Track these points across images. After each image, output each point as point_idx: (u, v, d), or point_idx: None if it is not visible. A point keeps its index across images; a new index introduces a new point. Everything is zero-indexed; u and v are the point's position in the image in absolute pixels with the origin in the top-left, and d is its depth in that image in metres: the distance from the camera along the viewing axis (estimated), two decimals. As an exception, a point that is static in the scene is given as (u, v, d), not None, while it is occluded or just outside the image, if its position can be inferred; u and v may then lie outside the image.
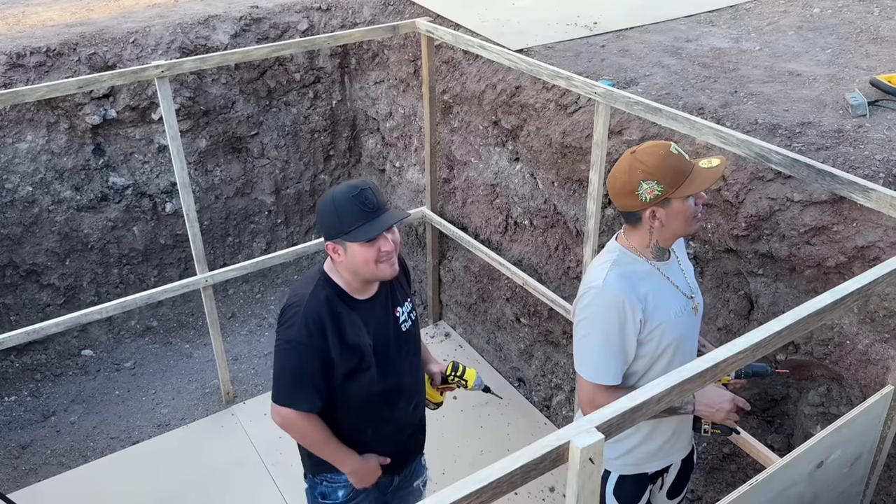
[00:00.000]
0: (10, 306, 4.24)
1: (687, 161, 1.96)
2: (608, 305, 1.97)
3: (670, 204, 1.95)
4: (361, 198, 2.02)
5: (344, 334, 2.09)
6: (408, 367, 2.29)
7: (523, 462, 1.20)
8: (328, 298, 2.09)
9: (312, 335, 2.05)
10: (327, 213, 2.05)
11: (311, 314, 2.06)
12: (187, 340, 4.60)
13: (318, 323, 2.05)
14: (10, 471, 3.67)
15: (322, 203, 2.08)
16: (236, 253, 4.93)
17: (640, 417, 1.34)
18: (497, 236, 4.04)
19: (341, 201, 2.02)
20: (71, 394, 4.17)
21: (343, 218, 2.02)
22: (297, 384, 2.11)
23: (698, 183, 1.94)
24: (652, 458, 2.25)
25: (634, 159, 1.95)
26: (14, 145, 4.04)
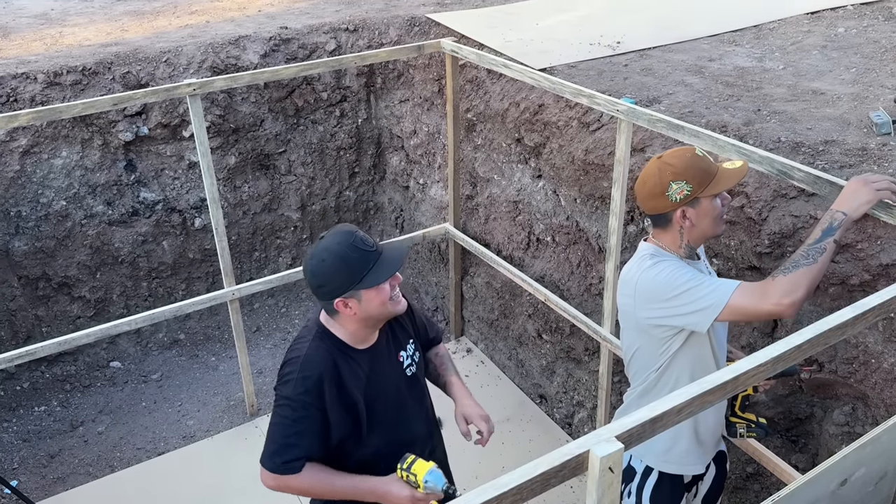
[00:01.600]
0: (42, 318, 4.33)
1: (712, 162, 2.05)
2: (675, 265, 2.02)
3: (699, 203, 2.03)
4: (360, 241, 1.94)
5: (343, 389, 1.98)
6: (416, 414, 2.17)
7: (543, 469, 1.22)
8: (328, 351, 2.00)
9: (310, 392, 1.94)
10: (334, 270, 1.92)
11: (308, 370, 1.96)
12: (213, 353, 4.67)
13: (318, 381, 1.95)
14: (39, 479, 3.74)
15: (319, 264, 1.93)
16: (262, 267, 5.00)
17: (660, 428, 1.35)
18: (519, 252, 4.06)
19: (345, 252, 1.92)
20: (99, 404, 4.25)
21: (353, 268, 1.91)
22: (288, 443, 1.97)
23: (725, 181, 2.02)
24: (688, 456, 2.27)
25: (662, 163, 2.05)
26: (49, 161, 4.16)
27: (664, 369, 2.16)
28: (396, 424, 2.11)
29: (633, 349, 2.22)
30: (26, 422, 4.11)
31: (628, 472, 2.35)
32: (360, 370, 2.03)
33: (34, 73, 4.11)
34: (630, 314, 2.17)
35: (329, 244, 1.94)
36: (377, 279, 1.93)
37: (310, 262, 1.95)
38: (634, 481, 2.34)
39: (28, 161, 4.11)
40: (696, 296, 1.98)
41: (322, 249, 1.94)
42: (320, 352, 1.99)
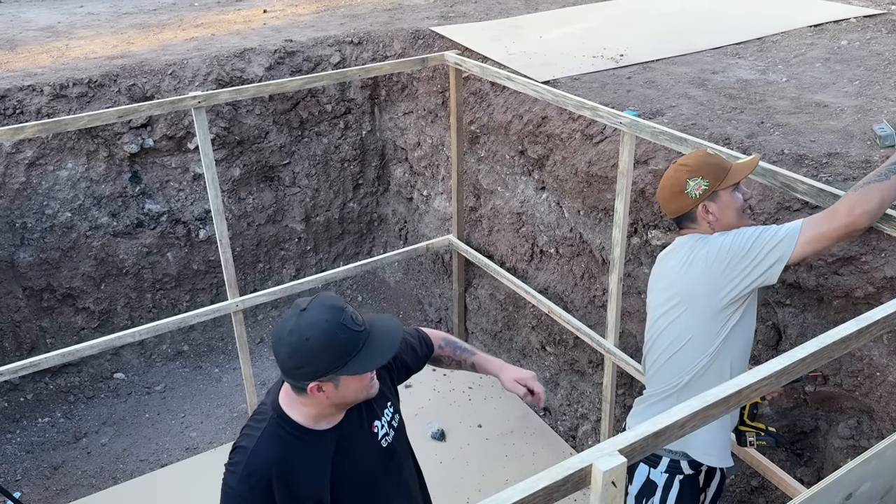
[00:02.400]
0: (47, 329, 4.34)
1: (724, 159, 2.17)
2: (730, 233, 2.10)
3: (719, 197, 2.13)
4: (349, 321, 1.65)
5: (297, 488, 1.73)
6: (395, 489, 1.94)
7: (545, 484, 1.22)
8: (282, 444, 1.73)
9: (255, 489, 1.69)
10: (319, 352, 1.61)
11: (255, 466, 1.70)
12: (217, 365, 4.67)
13: (264, 479, 1.69)
14: (42, 491, 3.74)
15: (302, 343, 1.61)
16: (266, 279, 5.01)
17: (663, 442, 1.35)
18: (523, 264, 4.06)
19: (333, 332, 1.62)
20: (102, 416, 4.25)
21: (340, 352, 1.63)
22: None
23: (739, 173, 2.12)
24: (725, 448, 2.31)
25: (678, 165, 2.19)
26: (55, 172, 4.18)
27: (719, 350, 2.17)
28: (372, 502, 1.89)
29: (687, 338, 2.19)
30: (30, 433, 4.11)
31: (648, 487, 2.34)
32: (322, 455, 1.77)
33: (40, 86, 4.13)
34: (693, 297, 2.14)
35: (315, 320, 1.62)
36: (364, 367, 1.67)
37: (289, 339, 1.63)
38: (656, 495, 2.33)
39: (34, 173, 4.13)
40: (767, 240, 2.03)
41: (307, 325, 1.62)
42: (271, 446, 1.72)
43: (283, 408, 1.76)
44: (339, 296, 5.23)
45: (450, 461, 3.80)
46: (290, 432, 1.74)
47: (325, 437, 1.77)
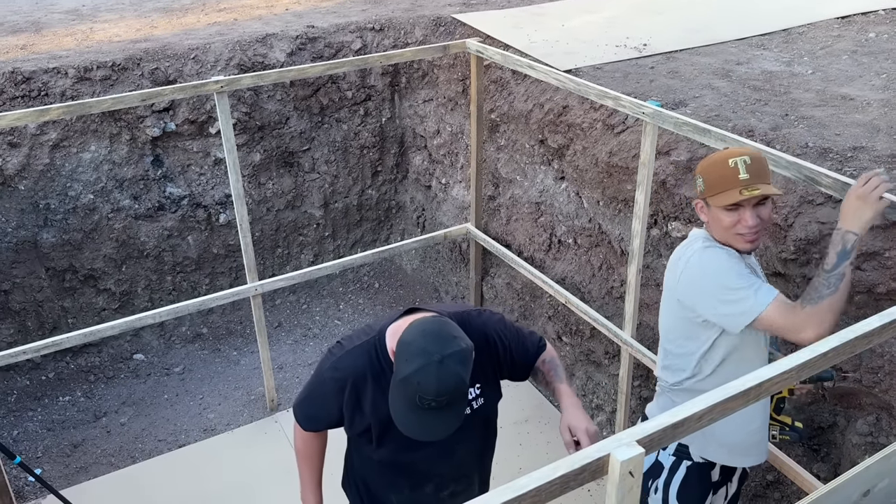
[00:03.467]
0: (69, 309, 4.40)
1: (735, 177, 2.00)
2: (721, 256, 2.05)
3: (710, 207, 2.07)
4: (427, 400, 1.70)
5: (360, 405, 1.95)
6: (441, 454, 2.01)
7: (562, 472, 1.22)
8: (371, 363, 1.93)
9: (328, 384, 1.97)
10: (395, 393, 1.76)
11: (342, 364, 1.96)
12: (235, 348, 4.71)
13: (343, 379, 1.94)
14: (62, 468, 3.80)
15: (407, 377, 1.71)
16: (285, 264, 5.04)
17: (681, 434, 1.35)
18: (541, 254, 4.05)
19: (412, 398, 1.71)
20: (122, 396, 4.30)
21: (402, 404, 1.75)
22: (306, 403, 2.07)
23: (726, 198, 2.00)
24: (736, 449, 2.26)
25: (714, 154, 2.12)
26: (78, 155, 4.22)
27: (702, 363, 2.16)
28: (410, 454, 2.01)
29: (676, 336, 2.23)
30: (51, 411, 4.18)
31: (655, 467, 2.34)
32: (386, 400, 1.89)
33: (65, 68, 4.17)
34: (672, 295, 2.20)
35: (425, 379, 1.68)
36: (406, 429, 1.79)
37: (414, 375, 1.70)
38: (661, 476, 2.33)
39: (57, 155, 4.17)
40: (734, 297, 2.01)
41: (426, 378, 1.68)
42: (362, 358, 1.93)
43: (387, 337, 1.92)
44: (358, 278, 5.25)
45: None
46: (380, 358, 1.92)
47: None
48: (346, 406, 1.96)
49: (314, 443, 2.16)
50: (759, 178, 1.99)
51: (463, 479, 2.13)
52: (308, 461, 2.20)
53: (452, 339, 1.75)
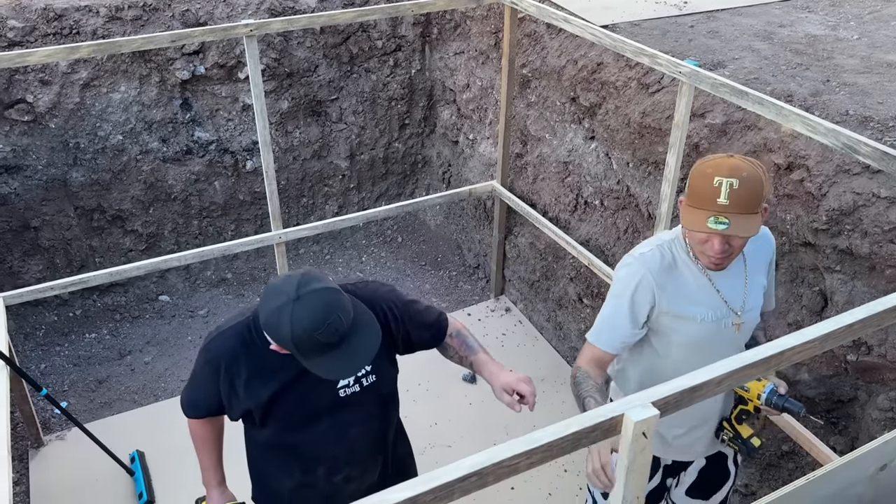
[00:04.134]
0: (96, 248, 4.46)
1: (713, 199, 1.81)
2: (630, 276, 2.02)
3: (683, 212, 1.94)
4: (330, 331, 1.64)
5: (235, 388, 1.87)
6: (333, 437, 1.93)
7: (575, 429, 1.22)
8: (244, 344, 1.84)
9: (203, 368, 1.90)
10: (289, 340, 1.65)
11: (214, 347, 1.88)
12: (258, 294, 4.76)
13: (215, 361, 1.86)
14: (87, 403, 3.90)
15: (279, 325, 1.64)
16: (309, 214, 5.05)
17: (699, 398, 1.33)
18: (566, 215, 4.01)
19: (311, 336, 1.63)
20: (147, 336, 4.38)
21: (305, 350, 1.67)
22: (188, 389, 2.01)
23: (692, 219, 1.86)
24: (662, 444, 2.24)
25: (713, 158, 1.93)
26: (108, 95, 4.23)
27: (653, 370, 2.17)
28: (299, 439, 1.94)
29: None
30: (77, 347, 4.27)
31: None
32: (271, 371, 1.83)
33: (97, 7, 4.15)
34: None
35: (301, 316, 1.62)
36: (319, 372, 1.72)
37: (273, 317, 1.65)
38: None
39: (88, 94, 4.19)
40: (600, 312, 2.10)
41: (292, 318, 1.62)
42: (234, 340, 1.85)
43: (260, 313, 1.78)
44: (382, 231, 5.25)
45: (479, 403, 3.85)
46: (254, 335, 1.84)
47: (287, 361, 1.78)
48: (222, 390, 1.88)
49: (206, 428, 2.07)
50: (739, 207, 1.80)
51: (358, 463, 2.02)
52: (203, 445, 2.11)
53: (288, 278, 1.69)
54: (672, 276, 2.02)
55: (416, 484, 1.13)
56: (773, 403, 2.02)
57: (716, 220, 1.81)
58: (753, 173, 1.83)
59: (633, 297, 2.00)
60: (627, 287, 2.01)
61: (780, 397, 2.00)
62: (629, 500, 1.30)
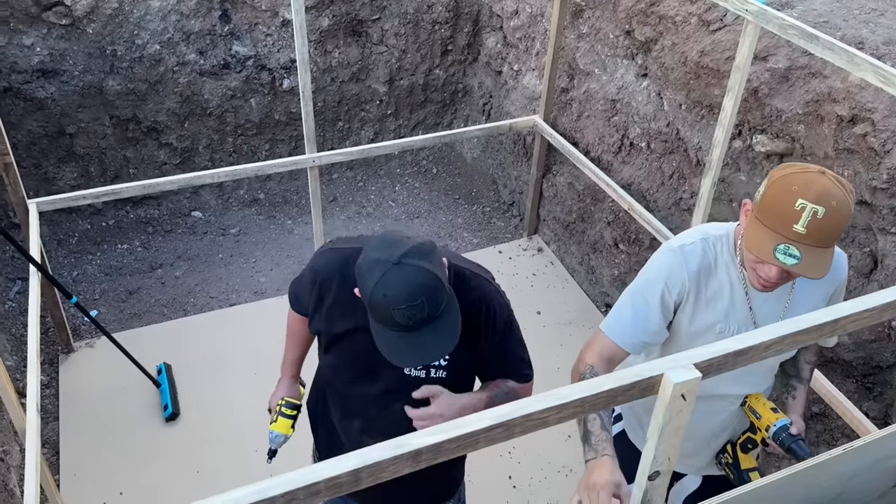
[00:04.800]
0: (130, 159, 4.44)
1: (789, 224, 1.56)
2: (666, 266, 1.80)
3: (751, 223, 1.67)
4: (405, 315, 1.52)
5: (320, 306, 1.82)
6: (382, 403, 1.84)
7: (610, 386, 1.15)
8: (344, 270, 1.75)
9: (308, 274, 1.87)
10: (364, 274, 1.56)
11: (318, 263, 1.85)
12: (290, 217, 4.74)
13: (314, 275, 1.82)
14: (117, 313, 3.95)
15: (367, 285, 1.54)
16: (344, 139, 4.96)
17: (743, 362, 1.26)
18: (609, 156, 3.87)
19: (378, 299, 1.52)
20: (178, 250, 4.40)
21: (377, 317, 1.57)
22: (296, 283, 2.00)
23: (755, 242, 1.61)
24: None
25: (802, 172, 1.60)
26: (147, 2, 4.12)
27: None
28: (353, 387, 1.87)
29: None
30: (109, 257, 4.30)
31: None
32: (357, 308, 1.69)
33: None
34: None
35: (390, 285, 1.50)
36: (377, 339, 1.61)
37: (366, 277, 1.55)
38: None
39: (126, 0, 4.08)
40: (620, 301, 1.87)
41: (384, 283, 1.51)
42: (335, 264, 1.79)
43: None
44: (417, 161, 5.16)
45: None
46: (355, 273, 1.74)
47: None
48: (311, 301, 1.85)
49: (300, 324, 2.05)
50: (817, 240, 1.56)
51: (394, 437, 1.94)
52: (292, 338, 2.13)
53: (404, 239, 1.57)
54: (708, 279, 1.80)
55: (442, 430, 1.08)
56: (780, 440, 1.82)
57: (786, 250, 1.57)
58: (843, 203, 1.55)
59: (664, 291, 1.78)
60: (660, 277, 1.79)
61: (789, 436, 1.80)
62: (660, 459, 1.24)
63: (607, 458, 1.55)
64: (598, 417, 1.64)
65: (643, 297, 1.81)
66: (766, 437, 1.86)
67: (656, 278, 1.80)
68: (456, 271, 1.75)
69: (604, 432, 1.61)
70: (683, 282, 1.77)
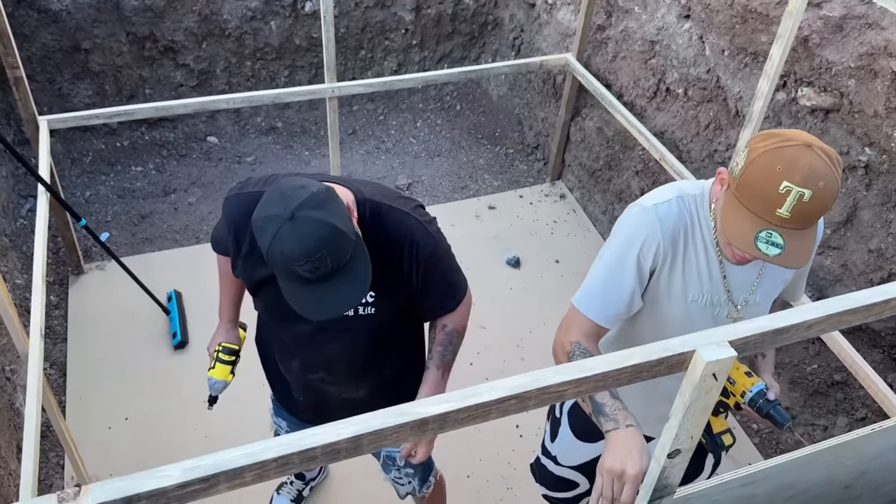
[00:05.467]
0: (147, 79, 4.31)
1: (772, 208, 1.41)
2: (638, 229, 1.62)
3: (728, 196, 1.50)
4: (307, 268, 1.43)
5: (239, 252, 1.73)
6: (316, 342, 1.79)
7: (636, 361, 1.06)
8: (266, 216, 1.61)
9: (224, 217, 1.75)
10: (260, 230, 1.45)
11: (229, 209, 1.72)
12: (307, 147, 4.62)
13: (228, 220, 1.72)
14: (129, 237, 3.89)
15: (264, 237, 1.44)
16: (367, 69, 4.78)
17: (782, 340, 1.15)
18: (643, 101, 3.69)
19: (276, 256, 1.43)
20: (192, 176, 4.31)
21: (272, 264, 1.47)
22: (217, 226, 1.87)
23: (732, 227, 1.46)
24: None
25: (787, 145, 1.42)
26: (166, -87, 3.92)
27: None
28: (283, 328, 1.83)
29: None
30: (122, 179, 4.23)
31: None
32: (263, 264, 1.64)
33: None
34: None
35: (284, 241, 1.41)
36: (286, 295, 1.51)
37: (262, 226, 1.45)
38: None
39: None
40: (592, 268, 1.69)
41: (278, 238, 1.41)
42: (245, 207, 1.62)
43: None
44: (441, 95, 4.98)
45: (520, 290, 3.74)
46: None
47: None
48: (230, 246, 1.75)
49: (228, 265, 1.92)
50: (801, 223, 1.42)
51: (336, 374, 1.87)
52: (224, 279, 2.04)
53: (297, 189, 1.45)
54: (685, 242, 1.64)
55: (452, 399, 1.00)
56: (757, 406, 1.72)
57: (768, 237, 1.42)
58: (831, 182, 1.39)
59: (639, 256, 1.61)
60: (634, 243, 1.61)
61: (767, 402, 1.70)
62: (682, 438, 1.16)
63: (633, 430, 1.44)
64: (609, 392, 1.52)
65: (616, 264, 1.64)
66: (740, 402, 1.77)
67: (630, 242, 1.62)
68: (372, 207, 1.65)
69: (616, 401, 1.51)
70: (659, 244, 1.60)
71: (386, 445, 1.01)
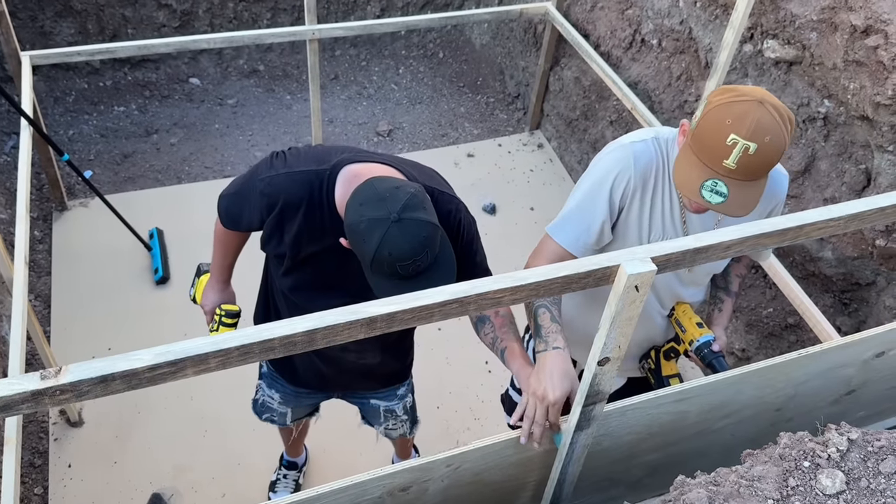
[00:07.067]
0: (129, 19, 4.32)
1: (719, 159, 1.49)
2: (614, 164, 1.69)
3: (690, 144, 1.57)
4: (406, 267, 1.49)
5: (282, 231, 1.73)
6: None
7: (566, 273, 1.18)
8: (309, 197, 1.67)
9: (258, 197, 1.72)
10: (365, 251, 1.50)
11: (274, 186, 1.68)
12: (289, 91, 4.66)
13: (271, 199, 1.69)
14: (112, 175, 3.96)
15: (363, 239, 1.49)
16: (349, 13, 4.80)
17: (702, 259, 1.27)
18: (619, 51, 3.76)
19: (384, 257, 1.48)
20: (174, 117, 4.35)
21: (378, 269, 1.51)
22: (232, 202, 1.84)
23: (682, 174, 1.55)
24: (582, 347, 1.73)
25: (740, 100, 1.49)
26: None
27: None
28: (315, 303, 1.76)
29: None
30: (105, 118, 4.27)
31: None
32: (323, 233, 1.69)
33: None
34: None
35: (391, 241, 1.46)
36: (378, 289, 1.54)
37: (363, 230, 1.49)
38: None
39: None
40: (566, 204, 1.76)
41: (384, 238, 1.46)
42: (298, 189, 1.67)
43: (338, 181, 1.66)
44: (424, 42, 5.01)
45: (495, 236, 3.85)
46: (324, 196, 1.68)
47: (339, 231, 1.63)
48: (268, 225, 1.74)
49: (232, 236, 1.98)
50: (747, 174, 1.50)
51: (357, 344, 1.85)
52: (223, 247, 2.03)
53: (394, 191, 1.50)
54: (655, 182, 1.71)
55: (399, 301, 1.11)
56: (702, 355, 1.86)
57: (713, 186, 1.51)
58: (777, 137, 1.47)
59: (611, 189, 1.69)
60: (608, 176, 1.68)
61: (711, 353, 1.84)
62: (610, 346, 1.28)
63: (559, 352, 1.55)
64: (548, 310, 1.64)
65: (590, 195, 1.72)
66: (688, 350, 1.91)
67: (605, 175, 1.70)
68: (430, 191, 1.70)
69: (554, 324, 1.62)
70: (630, 178, 1.68)
71: (338, 341, 1.13)
